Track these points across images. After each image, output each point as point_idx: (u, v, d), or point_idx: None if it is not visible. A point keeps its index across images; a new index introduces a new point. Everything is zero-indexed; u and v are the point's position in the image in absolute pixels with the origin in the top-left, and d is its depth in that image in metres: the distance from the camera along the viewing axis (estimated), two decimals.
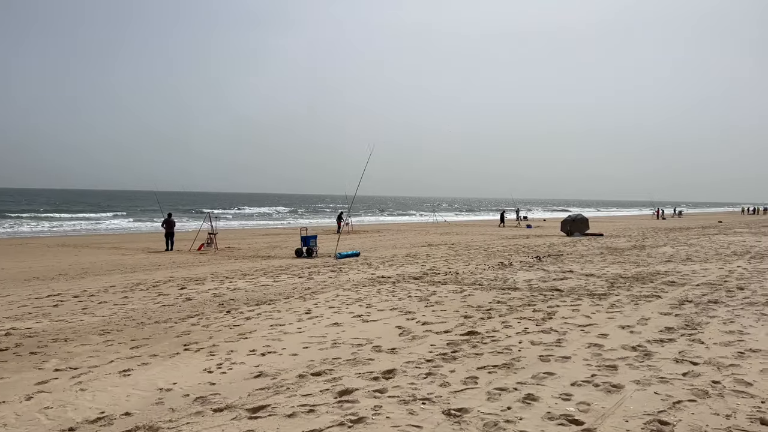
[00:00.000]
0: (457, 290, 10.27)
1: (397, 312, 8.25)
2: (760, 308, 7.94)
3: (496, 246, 22.44)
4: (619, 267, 13.73)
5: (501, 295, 9.68)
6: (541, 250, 19.83)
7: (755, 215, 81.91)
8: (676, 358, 5.43)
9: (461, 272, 13.12)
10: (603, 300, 8.92)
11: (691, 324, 6.96)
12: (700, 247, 19.49)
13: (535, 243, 23.94)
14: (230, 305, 9.25)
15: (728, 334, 6.40)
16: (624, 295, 9.38)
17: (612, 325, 7.01)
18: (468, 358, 5.62)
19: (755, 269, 12.75)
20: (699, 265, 13.90)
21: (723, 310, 7.82)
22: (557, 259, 16.27)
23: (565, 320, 7.38)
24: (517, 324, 7.22)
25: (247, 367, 5.55)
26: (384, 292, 10.18)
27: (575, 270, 13.24)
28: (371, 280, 11.95)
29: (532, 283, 10.98)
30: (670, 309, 8.03)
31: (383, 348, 6.11)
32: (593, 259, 16.05)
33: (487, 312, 8.08)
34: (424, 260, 16.44)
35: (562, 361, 5.46)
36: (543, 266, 14.24)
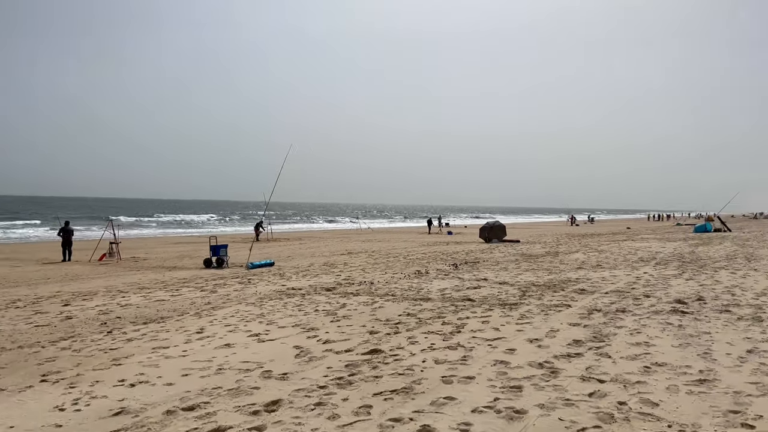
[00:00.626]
0: (369, 302, 9.77)
1: (300, 329, 7.63)
2: (665, 317, 7.93)
3: (416, 253, 22.24)
4: (533, 274, 13.73)
5: (412, 306, 9.27)
6: (459, 257, 19.76)
7: (660, 222, 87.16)
8: (582, 375, 5.15)
9: (376, 282, 12.66)
10: (514, 310, 8.69)
11: (599, 336, 6.78)
12: (610, 254, 20.06)
13: (454, 250, 23.95)
14: (114, 324, 8.31)
15: (635, 346, 6.23)
16: (535, 304, 9.21)
17: (520, 339, 6.72)
18: (365, 383, 5.10)
19: (660, 275, 13.07)
20: (608, 271, 14.15)
21: (630, 320, 7.74)
22: (473, 266, 16.16)
23: (473, 334, 7.03)
24: (424, 339, 6.79)
25: (109, 402, 4.77)
26: (290, 306, 9.52)
27: (489, 278, 13.10)
28: (280, 293, 11.26)
29: (445, 293, 10.67)
30: (579, 319, 7.87)
31: (273, 373, 5.49)
32: (508, 266, 16.06)
33: (395, 326, 7.62)
34: (341, 269, 15.88)
35: (465, 382, 5.05)
36: (459, 274, 14.04)
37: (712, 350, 5.97)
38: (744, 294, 9.89)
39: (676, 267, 14.87)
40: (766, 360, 5.55)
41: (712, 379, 4.94)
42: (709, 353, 5.85)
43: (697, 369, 5.27)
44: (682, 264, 15.70)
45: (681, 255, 18.94)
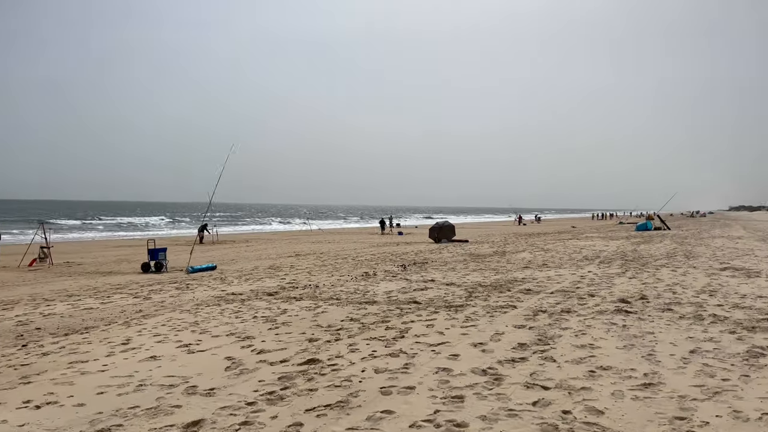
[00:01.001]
0: (311, 307, 9.38)
1: (234, 338, 7.18)
2: (610, 317, 7.87)
3: (365, 254, 21.93)
4: (480, 275, 13.64)
5: (357, 310, 8.94)
6: (408, 258, 19.57)
7: (603, 220, 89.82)
8: (527, 382, 4.94)
9: (322, 285, 12.27)
10: (459, 312, 8.48)
11: (544, 338, 6.63)
12: (555, 253, 20.28)
13: (404, 251, 23.77)
14: (31, 337, 7.64)
15: (580, 348, 6.10)
16: (481, 306, 9.04)
17: (465, 343, 6.49)
18: (298, 397, 4.74)
19: (604, 274, 13.19)
20: (554, 270, 14.20)
21: (575, 321, 7.64)
22: (422, 267, 15.98)
23: (417, 339, 6.76)
24: (366, 346, 6.47)
25: (8, 428, 4.24)
26: (227, 313, 9.03)
27: (437, 279, 12.91)
28: (218, 299, 10.72)
29: (391, 296, 10.39)
30: (525, 321, 7.72)
31: (199, 389, 5.05)
32: (456, 266, 15.95)
33: (336, 333, 7.27)
34: (287, 272, 15.40)
35: (405, 393, 4.75)
36: (407, 275, 13.81)
37: (656, 351, 5.88)
38: (685, 292, 10.02)
39: (620, 265, 15.09)
40: (709, 360, 5.49)
41: (657, 383, 4.82)
42: (653, 355, 5.76)
43: (642, 372, 5.14)
44: (625, 262, 15.96)
45: (624, 253, 19.32)
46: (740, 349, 5.89)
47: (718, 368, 5.21)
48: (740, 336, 6.45)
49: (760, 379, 4.85)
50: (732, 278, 11.77)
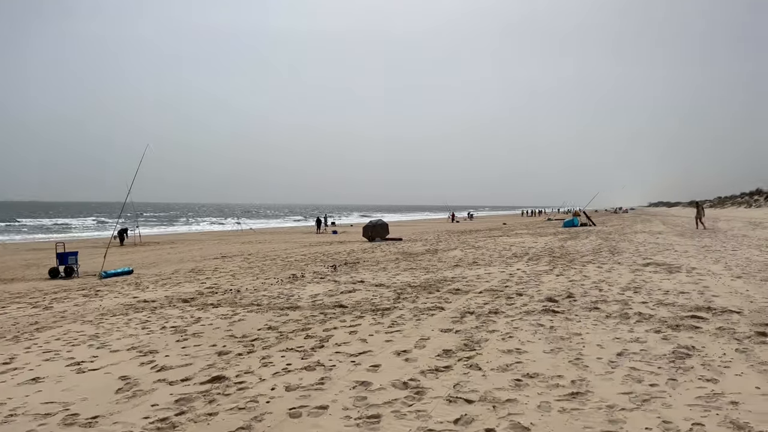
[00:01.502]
0: (228, 314, 8.74)
1: (136, 353, 6.47)
2: (537, 317, 7.68)
3: (296, 255, 21.26)
4: (410, 274, 13.33)
5: (277, 317, 8.37)
6: (340, 257, 19.09)
7: (533, 217, 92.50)
8: (449, 395, 4.57)
9: (244, 289, 11.58)
10: (386, 316, 8.08)
11: (471, 343, 6.31)
12: (486, 250, 20.33)
13: (337, 250, 23.27)
14: None
15: (506, 354, 5.81)
16: (408, 308, 8.68)
17: (388, 351, 6.08)
18: (195, 423, 4.17)
19: (533, 271, 13.17)
20: (484, 268, 14.09)
21: (502, 323, 7.40)
22: (353, 267, 15.54)
23: (337, 348, 6.29)
24: (280, 359, 5.94)
25: None
26: (134, 324, 8.26)
27: (367, 280, 12.50)
28: (127, 307, 9.88)
29: (317, 300, 9.87)
30: (452, 324, 7.41)
31: (80, 418, 4.39)
32: (387, 266, 15.61)
33: (251, 344, 6.69)
34: (208, 276, 14.58)
35: (316, 414, 4.28)
36: (336, 276, 13.32)
37: (584, 355, 5.67)
38: (611, 289, 10.03)
39: (547, 262, 15.18)
40: (636, 364, 5.31)
41: (585, 392, 4.56)
42: (580, 359, 5.54)
43: (569, 379, 4.89)
44: (553, 259, 16.09)
45: (552, 250, 19.57)
46: (666, 349, 5.77)
47: (646, 372, 5.03)
48: (666, 335, 6.36)
49: (687, 383, 4.69)
50: (655, 274, 11.98)
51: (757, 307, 7.85)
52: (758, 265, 13.04)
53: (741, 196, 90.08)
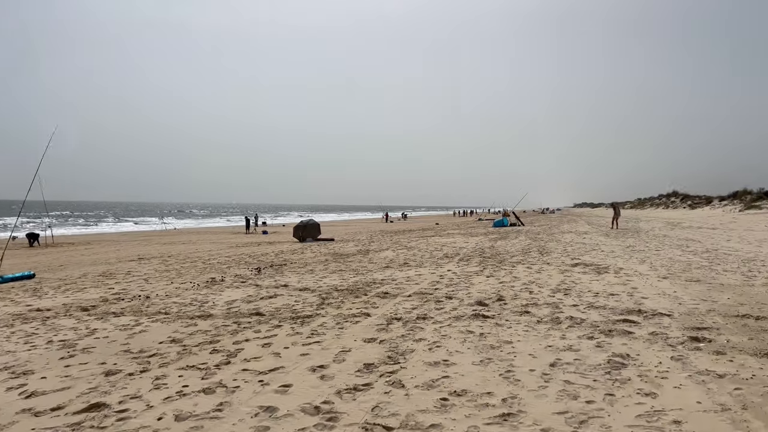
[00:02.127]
0: (130, 325, 7.81)
1: (7, 374, 5.52)
2: (467, 323, 7.24)
3: (220, 256, 20.16)
4: (339, 276, 12.70)
5: (185, 327, 7.54)
6: (267, 259, 18.20)
7: (464, 217, 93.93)
8: (366, 422, 3.98)
9: (155, 295, 10.59)
10: (306, 325, 7.42)
11: (395, 355, 5.76)
12: (418, 250, 19.98)
13: (265, 251, 22.31)
14: None
15: (433, 367, 5.29)
16: (332, 315, 8.05)
17: (303, 367, 5.43)
18: None
19: (463, 272, 12.84)
20: (414, 270, 13.65)
21: (431, 330, 6.90)
22: (279, 270, 14.74)
23: (245, 365, 5.58)
24: (177, 379, 5.18)
25: None
26: (16, 337, 7.21)
27: (291, 283, 11.77)
28: (16, 317, 8.73)
29: (233, 306, 9.07)
30: (377, 332, 6.85)
31: None
32: (315, 268, 14.91)
33: (146, 361, 5.87)
34: (119, 280, 13.39)
35: None
36: (259, 280, 12.51)
37: (515, 367, 5.23)
38: (541, 291, 9.78)
39: (478, 263, 14.93)
40: (570, 376, 4.91)
41: (517, 412, 4.09)
42: (512, 371, 5.09)
43: (500, 397, 4.41)
44: (483, 259, 15.89)
45: (482, 250, 19.45)
46: (601, 358, 5.42)
47: (581, 386, 4.63)
48: (599, 342, 6.04)
49: (626, 399, 4.31)
50: (584, 275, 11.89)
51: (686, 309, 7.72)
52: (681, 265, 13.25)
53: (659, 198, 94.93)
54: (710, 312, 7.45)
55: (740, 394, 4.30)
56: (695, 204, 73.72)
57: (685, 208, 74.12)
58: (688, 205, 75.80)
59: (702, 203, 72.21)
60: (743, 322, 6.80)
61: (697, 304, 8.03)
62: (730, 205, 61.10)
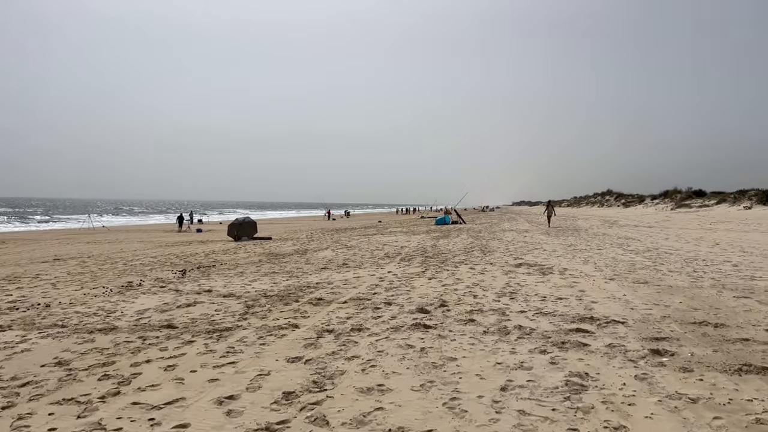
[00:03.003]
0: (12, 342, 6.61)
1: None
2: (407, 335, 6.46)
3: (145, 257, 18.66)
4: (270, 280, 11.72)
5: (79, 344, 6.42)
6: (196, 260, 16.92)
7: (407, 215, 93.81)
8: None
9: (57, 303, 9.31)
10: (223, 340, 6.45)
11: (322, 379, 4.91)
12: (358, 250, 19.17)
13: (195, 251, 20.93)
14: None
15: (365, 395, 4.47)
16: (255, 327, 7.10)
17: (207, 399, 4.49)
18: None
19: (404, 274, 12.11)
20: (353, 271, 12.82)
21: (365, 344, 6.08)
22: (206, 272, 13.59)
23: (138, 396, 4.59)
24: (46, 420, 4.13)
25: None
26: None
27: (216, 288, 10.70)
28: None
29: (143, 317, 7.97)
30: (304, 349, 5.97)
31: None
32: (247, 269, 13.84)
33: (16, 392, 4.77)
34: (22, 285, 11.90)
35: None
36: (181, 284, 11.36)
37: (461, 393, 4.47)
38: (485, 295, 9.14)
39: (420, 263, 14.26)
40: (524, 404, 4.20)
41: None
42: (457, 399, 4.33)
43: None
44: (425, 259, 15.24)
45: (424, 249, 18.83)
46: (557, 378, 4.74)
47: (539, 418, 3.91)
48: (553, 358, 5.38)
49: None
50: (528, 276, 11.38)
51: (639, 315, 7.23)
52: (625, 265, 12.99)
53: (594, 196, 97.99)
54: (665, 318, 6.98)
55: (722, 426, 3.70)
56: (629, 202, 76.33)
57: (620, 207, 76.62)
58: (622, 203, 78.43)
59: (635, 202, 74.82)
60: (702, 330, 6.33)
61: (650, 310, 7.56)
62: (662, 204, 63.48)
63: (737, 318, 6.87)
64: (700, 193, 60.93)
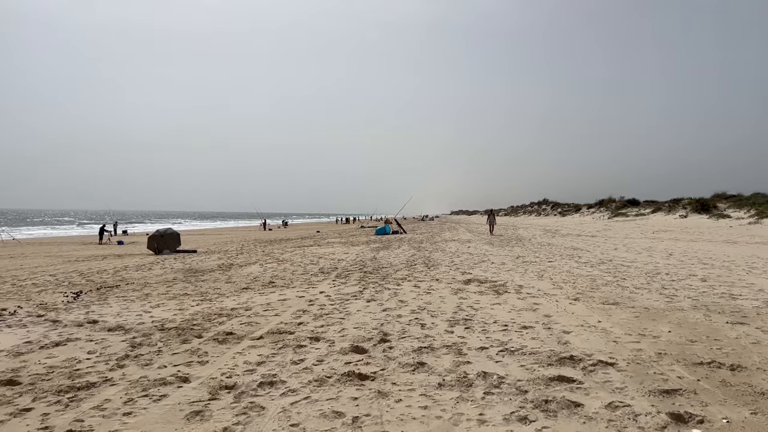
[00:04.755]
0: None
1: None
2: (335, 392, 4.74)
3: (45, 274, 16.11)
4: (177, 304, 9.74)
5: None
6: (101, 278, 14.59)
7: (347, 224, 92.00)
8: None
9: None
10: (74, 405, 4.53)
11: None
12: (290, 264, 17.28)
13: (105, 267, 18.45)
14: None
15: None
16: (129, 380, 5.20)
17: None
18: None
19: (338, 295, 10.37)
20: (279, 292, 10.99)
21: (275, 412, 4.33)
22: (105, 293, 11.44)
23: None
24: None
25: None
26: None
27: (106, 317, 8.66)
28: None
29: None
30: (184, 422, 4.15)
31: None
32: (155, 290, 11.76)
33: None
34: None
35: None
36: (65, 312, 9.24)
37: None
38: (435, 323, 7.54)
39: (358, 280, 12.55)
40: None
41: None
42: None
43: None
44: (364, 275, 13.55)
45: (363, 263, 17.15)
46: None
47: None
48: (538, 429, 3.80)
49: None
50: (481, 295, 9.90)
51: (628, 353, 5.78)
52: (585, 280, 11.73)
53: (531, 206, 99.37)
54: (662, 357, 5.56)
55: None
56: (565, 212, 77.46)
57: (556, 216, 77.63)
58: (559, 212, 79.55)
59: (571, 211, 75.97)
60: (718, 375, 4.93)
61: (637, 343, 6.15)
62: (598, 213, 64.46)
63: (750, 356, 5.54)
64: (634, 202, 62.24)
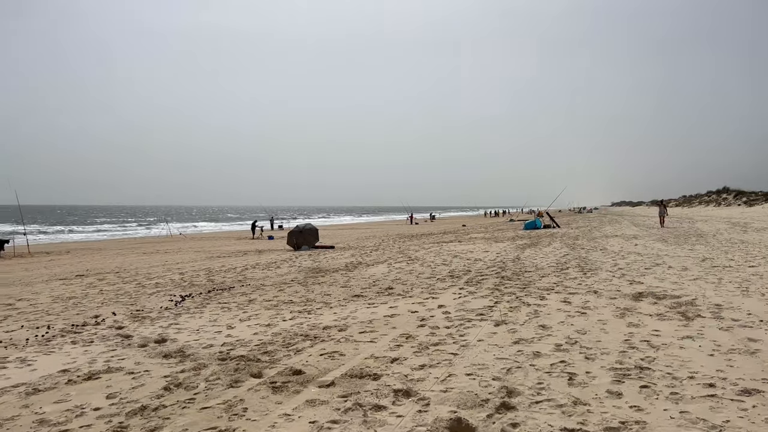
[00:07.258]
0: None
1: None
2: None
3: (177, 271, 15.88)
4: (272, 316, 8.31)
5: None
6: (222, 277, 13.85)
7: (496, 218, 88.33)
8: None
9: None
10: None
11: None
12: (420, 264, 15.33)
13: (237, 264, 18.01)
14: None
15: None
16: None
17: None
18: None
19: (460, 313, 8.14)
20: (390, 303, 9.05)
21: None
22: (209, 298, 10.47)
23: None
24: None
25: None
26: None
27: (181, 333, 7.43)
28: None
29: None
30: None
31: None
32: (264, 295, 10.61)
33: None
34: None
35: None
36: (153, 323, 8.20)
37: None
38: (590, 372, 5.01)
39: (490, 290, 10.16)
40: None
41: None
42: None
43: None
44: (501, 282, 11.12)
45: (502, 264, 14.62)
46: None
47: None
48: None
49: None
50: (661, 321, 7.08)
51: None
52: None
53: (708, 195, 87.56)
54: None
55: None
56: (752, 201, 66.75)
57: (740, 206, 67.23)
58: (744, 201, 68.82)
59: (760, 199, 65.27)
60: None
61: None
62: None
63: None
64: None
